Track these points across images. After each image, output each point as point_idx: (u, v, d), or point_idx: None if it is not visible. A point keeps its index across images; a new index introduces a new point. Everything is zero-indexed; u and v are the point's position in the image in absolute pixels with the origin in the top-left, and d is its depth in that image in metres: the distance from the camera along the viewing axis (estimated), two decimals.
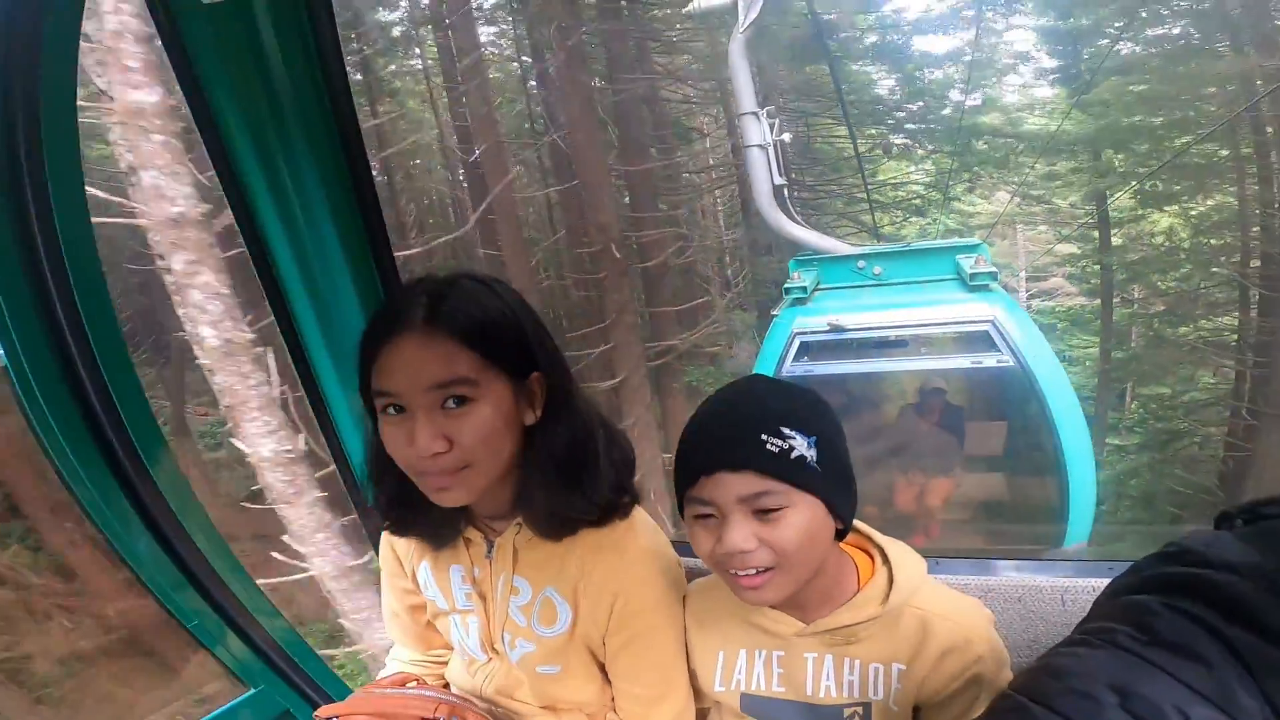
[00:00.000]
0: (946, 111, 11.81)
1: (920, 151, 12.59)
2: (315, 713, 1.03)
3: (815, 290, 4.51)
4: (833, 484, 0.80)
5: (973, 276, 4.02)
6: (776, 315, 4.51)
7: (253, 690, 1.39)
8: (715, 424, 0.82)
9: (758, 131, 5.06)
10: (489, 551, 1.00)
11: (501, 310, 0.85)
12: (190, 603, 1.25)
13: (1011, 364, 3.78)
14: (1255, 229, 9.53)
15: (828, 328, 4.10)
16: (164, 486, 1.13)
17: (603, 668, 1.03)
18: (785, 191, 5.20)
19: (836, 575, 0.90)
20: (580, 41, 6.91)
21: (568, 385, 0.91)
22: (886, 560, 0.92)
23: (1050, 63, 11.54)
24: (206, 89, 1.03)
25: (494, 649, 1.06)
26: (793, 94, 10.59)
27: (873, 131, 11.92)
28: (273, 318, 1.23)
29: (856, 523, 0.92)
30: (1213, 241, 10.91)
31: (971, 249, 4.29)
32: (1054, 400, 3.70)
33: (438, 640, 1.20)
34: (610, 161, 8.13)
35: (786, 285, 4.54)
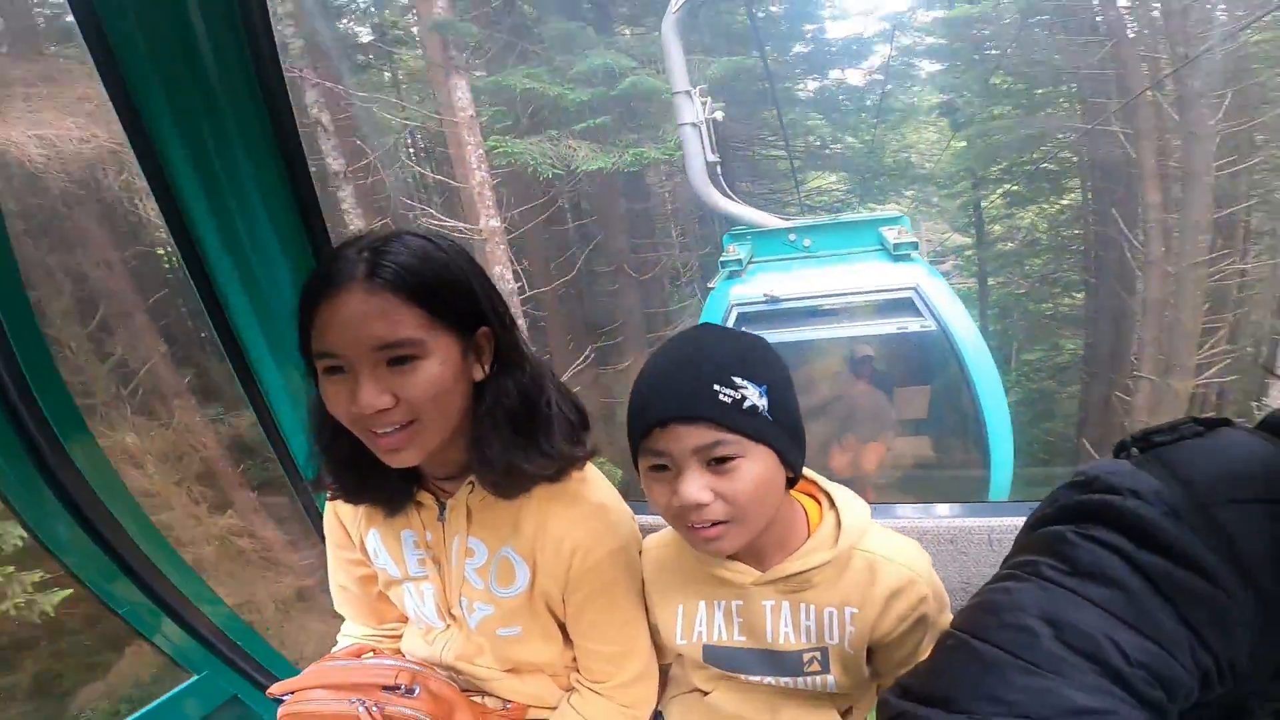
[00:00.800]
0: (867, 137, 13.20)
1: (840, 170, 13.96)
2: (268, 690, 0.95)
3: (749, 263, 4.47)
4: (784, 432, 0.76)
5: (896, 246, 4.07)
6: (713, 288, 4.44)
7: (196, 676, 1.28)
8: (668, 375, 0.75)
9: (690, 110, 4.97)
10: (441, 514, 0.92)
11: (447, 265, 0.77)
12: (121, 591, 1.12)
13: (934, 328, 3.82)
14: (1094, 226, 10.64)
15: (764, 298, 4.06)
16: (87, 472, 1.01)
17: (563, 628, 0.98)
18: (719, 169, 5.16)
19: (789, 522, 0.87)
20: None
21: (516, 339, 0.83)
22: (834, 505, 0.89)
23: (940, 98, 12.93)
24: (115, 43, 0.89)
25: (451, 615, 0.98)
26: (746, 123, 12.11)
27: (801, 159, 13.25)
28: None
29: (804, 470, 0.88)
30: (1064, 233, 12.03)
31: (893, 221, 4.35)
32: (972, 363, 3.76)
33: (390, 613, 1.10)
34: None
35: (722, 259, 4.47)
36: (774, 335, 4.17)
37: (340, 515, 1.00)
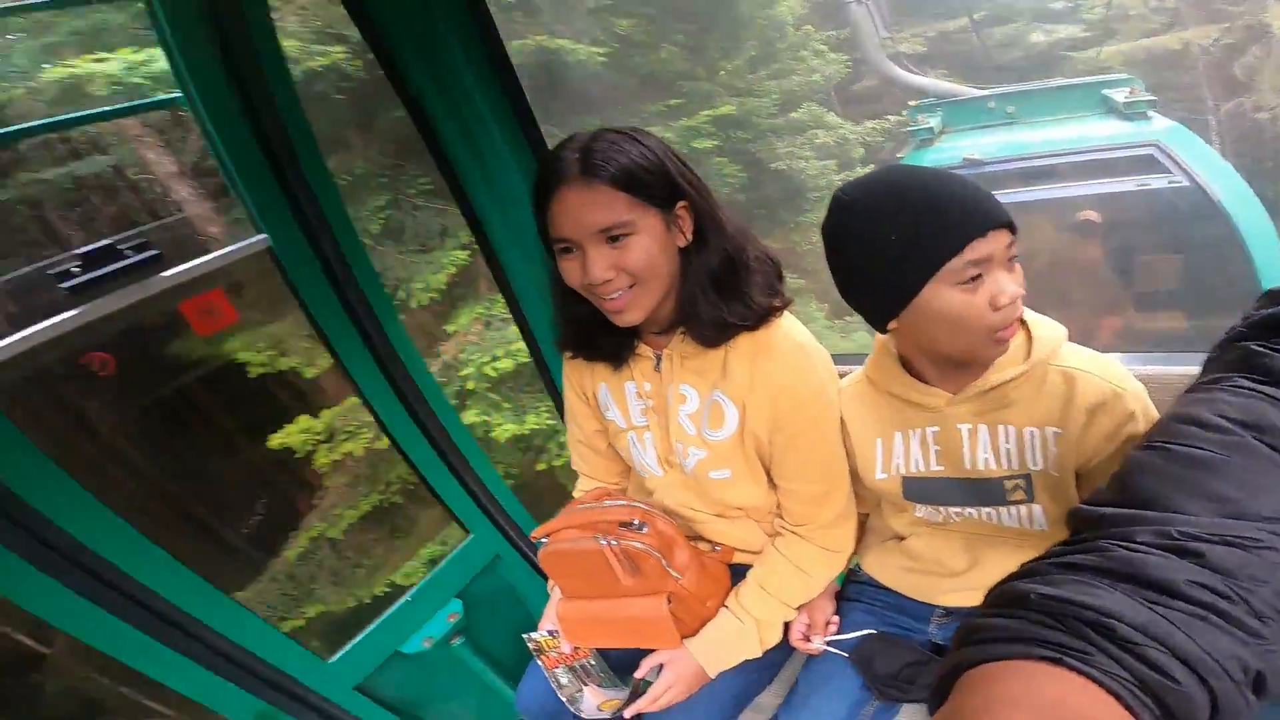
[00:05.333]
0: None
1: None
2: (532, 534, 1.11)
3: (941, 134, 4.10)
4: None
5: (1127, 105, 3.50)
6: (901, 158, 4.14)
7: (470, 537, 1.53)
8: (968, 196, 0.77)
9: None
10: (657, 365, 1.03)
11: (643, 153, 0.88)
12: (421, 453, 1.41)
13: (1186, 184, 3.19)
14: None
15: (962, 162, 3.67)
16: (399, 347, 1.29)
17: (768, 473, 1.04)
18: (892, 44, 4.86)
19: None
20: None
21: (713, 210, 0.93)
22: (1023, 322, 0.85)
23: None
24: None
25: (669, 462, 1.08)
26: None
27: None
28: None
29: None
30: None
31: (1123, 83, 3.74)
32: (1243, 221, 3.08)
33: (617, 467, 1.23)
34: None
35: (912, 129, 4.17)
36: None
37: (574, 380, 1.16)
